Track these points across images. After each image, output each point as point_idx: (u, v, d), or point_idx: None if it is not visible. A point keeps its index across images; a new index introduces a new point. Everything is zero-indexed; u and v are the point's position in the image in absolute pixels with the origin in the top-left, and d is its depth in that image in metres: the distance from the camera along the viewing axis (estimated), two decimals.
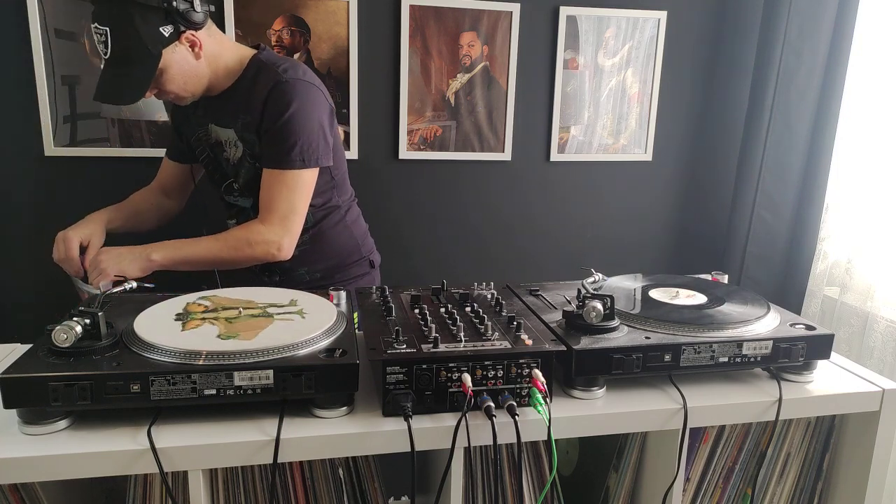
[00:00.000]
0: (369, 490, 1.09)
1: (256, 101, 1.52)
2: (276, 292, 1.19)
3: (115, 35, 1.38)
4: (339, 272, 1.73)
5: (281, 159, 1.51)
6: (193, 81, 1.51)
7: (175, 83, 1.48)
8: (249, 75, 1.56)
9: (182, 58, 1.46)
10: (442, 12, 2.23)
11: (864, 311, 2.13)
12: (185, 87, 1.50)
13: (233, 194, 1.68)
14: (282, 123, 1.49)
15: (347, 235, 1.76)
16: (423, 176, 2.36)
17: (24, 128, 2.02)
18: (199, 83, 1.53)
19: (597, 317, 1.09)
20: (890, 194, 2.11)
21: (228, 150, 1.62)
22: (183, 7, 1.42)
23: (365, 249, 1.79)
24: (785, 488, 1.24)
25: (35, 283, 2.13)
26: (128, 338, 0.98)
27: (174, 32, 1.43)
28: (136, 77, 1.43)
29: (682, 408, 1.05)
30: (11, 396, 0.88)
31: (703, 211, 2.65)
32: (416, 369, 0.96)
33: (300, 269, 1.69)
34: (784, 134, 2.34)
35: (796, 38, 2.26)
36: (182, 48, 1.46)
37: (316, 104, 1.54)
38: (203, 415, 0.95)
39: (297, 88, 1.51)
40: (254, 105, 1.52)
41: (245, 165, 1.59)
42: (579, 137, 2.46)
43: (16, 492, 0.97)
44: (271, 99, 1.50)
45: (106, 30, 1.38)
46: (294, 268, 1.66)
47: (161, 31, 1.41)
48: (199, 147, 1.68)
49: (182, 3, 1.42)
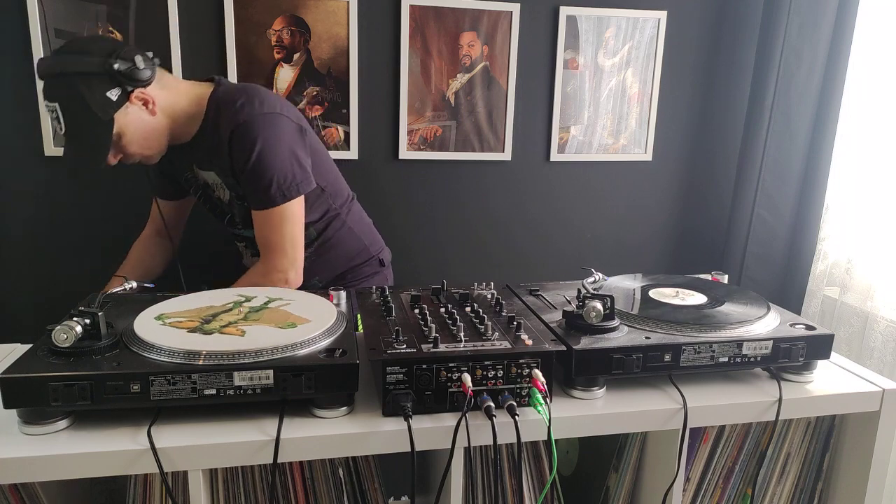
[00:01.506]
0: (369, 490, 1.09)
1: (222, 145, 1.49)
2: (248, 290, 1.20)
3: (65, 109, 1.37)
4: (350, 274, 1.73)
5: (262, 200, 1.50)
6: (154, 137, 1.49)
7: (136, 144, 1.46)
8: (210, 117, 1.52)
9: (137, 118, 1.44)
10: (442, 12, 2.23)
11: (864, 311, 2.13)
12: (148, 145, 1.48)
13: (236, 227, 1.69)
14: (251, 166, 1.47)
15: (353, 238, 1.75)
16: (423, 176, 2.36)
17: (24, 128, 2.02)
18: (160, 138, 1.50)
19: (597, 317, 1.09)
20: (890, 194, 2.11)
21: (217, 192, 1.63)
22: (125, 68, 1.38)
23: (374, 248, 1.79)
24: (785, 488, 1.24)
25: (35, 283, 2.13)
26: (128, 338, 0.98)
27: (122, 94, 1.40)
28: (93, 145, 1.41)
29: (682, 408, 1.05)
30: (11, 396, 0.88)
31: (703, 211, 2.65)
32: (416, 369, 0.96)
33: (312, 279, 1.69)
34: (784, 134, 2.34)
35: (796, 38, 2.26)
36: (134, 108, 1.43)
37: (281, 134, 1.51)
38: (203, 415, 0.95)
39: (257, 125, 1.47)
40: (221, 150, 1.50)
41: (236, 206, 1.60)
42: (579, 137, 2.46)
43: (16, 492, 0.97)
44: (235, 143, 1.47)
45: (55, 105, 1.37)
46: (307, 279, 1.65)
47: (108, 97, 1.38)
48: (192, 186, 1.68)
49: (123, 64, 1.38)
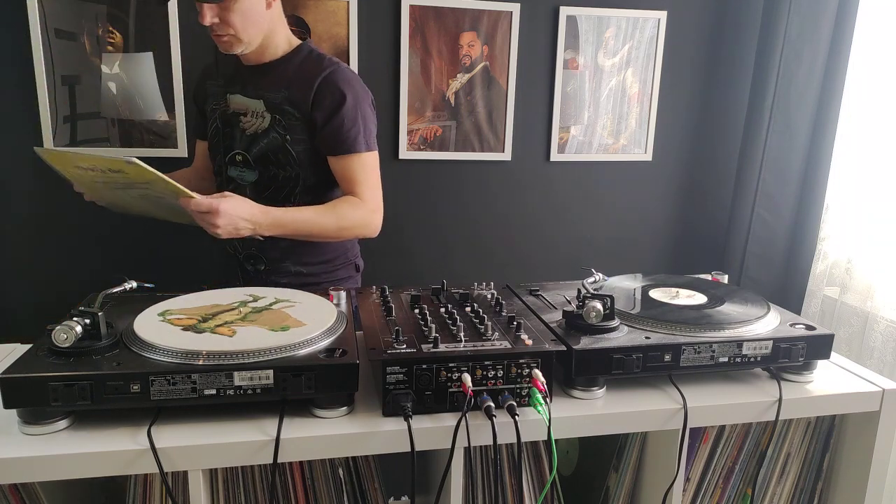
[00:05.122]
0: (369, 490, 1.09)
1: (304, 82, 1.55)
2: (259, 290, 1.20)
3: None
4: (325, 273, 1.73)
5: (349, 144, 1.57)
6: (253, 30, 1.52)
7: (240, 18, 1.49)
8: (297, 58, 1.59)
9: (256, 3, 1.49)
10: (442, 12, 2.23)
11: (864, 311, 2.13)
12: (245, 29, 1.51)
13: (237, 166, 1.68)
14: (344, 110, 1.55)
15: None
16: (423, 176, 2.37)
17: (24, 128, 2.02)
18: (256, 35, 1.54)
19: (597, 317, 1.09)
20: (890, 194, 2.11)
21: (249, 121, 1.62)
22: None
23: (351, 254, 1.79)
24: (785, 488, 1.24)
25: (35, 282, 2.13)
26: (128, 338, 0.98)
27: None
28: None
29: (682, 408, 1.05)
30: (11, 396, 0.88)
31: (703, 211, 2.65)
32: (416, 369, 0.96)
33: (286, 260, 1.69)
34: (784, 134, 2.34)
35: (796, 38, 2.26)
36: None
37: (366, 96, 1.62)
38: (203, 415, 0.95)
39: (352, 79, 1.59)
40: (302, 85, 1.56)
41: (269, 136, 1.60)
42: (579, 137, 2.46)
43: (16, 492, 0.97)
44: (326, 84, 1.55)
45: None
46: (282, 258, 1.67)
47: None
48: (211, 118, 1.69)
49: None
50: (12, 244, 2.11)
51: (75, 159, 1.34)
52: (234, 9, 1.47)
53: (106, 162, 1.29)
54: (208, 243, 1.93)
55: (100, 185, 1.42)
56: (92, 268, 2.15)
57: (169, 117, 2.11)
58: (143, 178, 1.30)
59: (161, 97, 2.10)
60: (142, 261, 2.19)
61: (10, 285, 2.13)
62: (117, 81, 2.06)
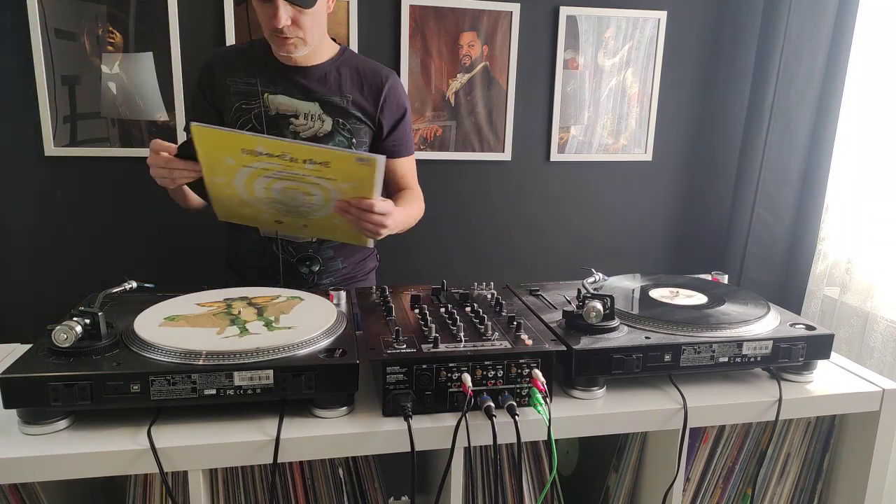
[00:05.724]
0: (369, 490, 1.09)
1: (371, 88, 1.61)
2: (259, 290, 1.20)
3: None
4: (360, 264, 1.76)
5: (411, 147, 1.74)
6: (318, 32, 1.53)
7: (310, 21, 1.49)
8: (348, 63, 1.62)
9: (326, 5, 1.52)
10: (442, 12, 2.23)
11: (864, 311, 2.13)
12: (312, 31, 1.51)
13: None
14: (407, 117, 1.68)
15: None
16: (423, 176, 2.34)
17: (24, 128, 2.02)
18: (319, 38, 1.55)
19: (597, 317, 1.09)
20: (890, 194, 2.11)
21: (303, 123, 1.61)
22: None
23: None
24: (785, 488, 1.24)
25: (35, 283, 2.13)
26: (128, 338, 0.98)
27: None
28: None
29: (682, 408, 1.05)
30: (11, 396, 0.88)
31: (703, 211, 2.65)
32: (416, 369, 0.96)
33: (337, 259, 1.71)
34: (784, 134, 2.34)
35: (796, 38, 2.26)
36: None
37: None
38: (203, 415, 0.95)
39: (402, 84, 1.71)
40: (368, 91, 1.61)
41: (334, 139, 1.61)
42: (579, 137, 2.46)
43: (16, 492, 0.97)
44: (394, 90, 1.63)
45: None
46: (334, 257, 1.70)
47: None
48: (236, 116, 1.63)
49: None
50: (12, 244, 2.11)
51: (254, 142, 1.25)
52: (310, 12, 1.46)
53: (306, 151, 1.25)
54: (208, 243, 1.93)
55: (244, 176, 1.32)
56: (92, 268, 2.15)
57: (169, 117, 2.11)
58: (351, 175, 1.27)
59: (161, 97, 2.10)
60: (142, 261, 2.19)
61: (10, 285, 2.13)
62: (117, 81, 2.06)
